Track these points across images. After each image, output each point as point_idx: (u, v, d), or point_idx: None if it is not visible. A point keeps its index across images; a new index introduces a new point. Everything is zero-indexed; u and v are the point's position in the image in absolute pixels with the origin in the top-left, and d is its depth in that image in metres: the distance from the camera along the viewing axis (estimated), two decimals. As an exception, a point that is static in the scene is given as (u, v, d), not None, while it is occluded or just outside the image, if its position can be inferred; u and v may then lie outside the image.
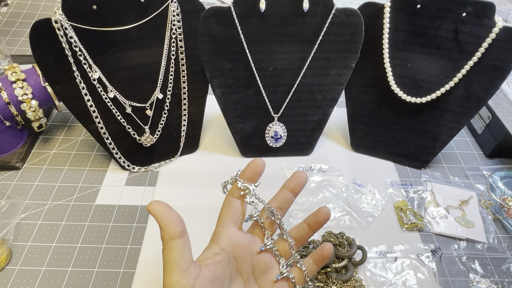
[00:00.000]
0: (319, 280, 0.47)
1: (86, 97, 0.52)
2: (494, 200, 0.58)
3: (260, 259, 0.36)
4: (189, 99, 0.58)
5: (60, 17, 0.47)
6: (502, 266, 0.51)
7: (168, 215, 0.30)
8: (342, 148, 0.66)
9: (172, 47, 0.54)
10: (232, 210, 0.35)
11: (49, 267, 0.48)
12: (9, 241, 0.49)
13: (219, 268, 0.32)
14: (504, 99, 0.60)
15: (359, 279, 0.48)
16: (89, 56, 0.50)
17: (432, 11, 0.52)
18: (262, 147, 0.61)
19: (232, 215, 0.35)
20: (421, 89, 0.56)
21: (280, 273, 0.36)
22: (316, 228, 0.37)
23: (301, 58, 0.55)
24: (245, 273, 0.35)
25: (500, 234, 0.55)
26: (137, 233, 0.52)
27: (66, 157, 0.62)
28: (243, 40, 0.53)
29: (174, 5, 0.52)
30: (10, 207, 0.53)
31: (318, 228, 0.37)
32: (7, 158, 0.59)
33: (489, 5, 0.49)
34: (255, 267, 0.36)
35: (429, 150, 0.60)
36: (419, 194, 0.58)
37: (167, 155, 0.61)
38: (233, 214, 0.35)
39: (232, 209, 0.35)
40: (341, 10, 0.52)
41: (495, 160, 0.65)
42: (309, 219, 0.37)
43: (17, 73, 0.56)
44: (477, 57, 0.52)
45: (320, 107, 0.59)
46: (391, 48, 0.55)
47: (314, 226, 0.37)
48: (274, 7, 0.51)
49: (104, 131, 0.55)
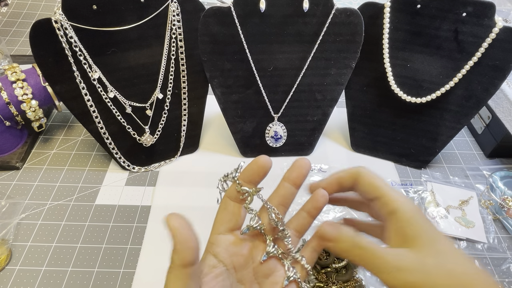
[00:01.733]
0: (319, 280, 0.47)
1: (86, 97, 0.52)
2: (494, 200, 0.58)
3: (262, 265, 0.33)
4: (189, 99, 0.58)
5: (60, 17, 0.47)
6: (502, 266, 0.51)
7: (187, 238, 0.26)
8: (342, 148, 0.66)
9: (172, 47, 0.54)
10: (229, 216, 0.31)
11: (49, 267, 0.48)
12: (9, 241, 0.49)
13: (218, 283, 0.29)
14: (504, 99, 0.60)
15: (359, 279, 0.48)
16: (89, 56, 0.50)
17: (432, 11, 0.52)
18: (262, 147, 0.61)
19: (229, 221, 0.31)
20: (421, 89, 0.56)
21: (287, 278, 0.33)
22: (316, 214, 0.34)
23: (301, 58, 0.55)
24: (248, 281, 0.32)
25: (500, 234, 0.55)
26: (137, 233, 0.52)
27: (66, 157, 0.62)
28: (243, 40, 0.53)
29: (174, 5, 0.52)
30: (10, 207, 0.53)
31: (318, 213, 0.34)
32: (7, 158, 0.59)
33: (489, 5, 0.49)
34: (257, 273, 0.33)
35: (429, 150, 0.60)
36: (419, 194, 0.58)
37: (167, 155, 0.61)
38: (229, 220, 0.31)
39: (229, 214, 0.31)
40: (341, 10, 0.52)
41: (495, 160, 0.65)
42: (307, 206, 0.34)
43: (17, 73, 0.56)
44: (477, 57, 0.52)
45: (320, 107, 0.59)
46: (391, 48, 0.55)
47: (314, 212, 0.34)
48: (274, 7, 0.51)
49: (104, 131, 0.55)
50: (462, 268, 0.28)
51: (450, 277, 0.27)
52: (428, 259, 0.28)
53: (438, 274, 0.27)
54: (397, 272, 0.28)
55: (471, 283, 0.27)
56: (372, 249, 0.29)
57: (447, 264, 0.28)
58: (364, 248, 0.30)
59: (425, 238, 0.29)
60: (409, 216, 0.29)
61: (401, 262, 0.28)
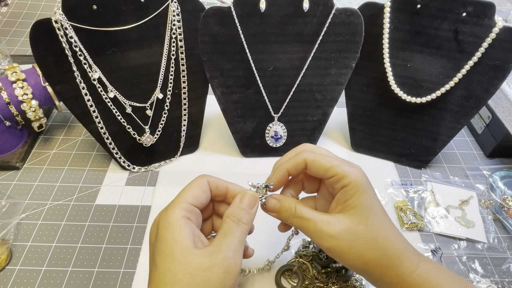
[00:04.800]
0: (319, 280, 0.47)
1: (86, 97, 0.52)
2: (494, 200, 0.58)
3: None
4: (189, 99, 0.58)
5: (60, 17, 0.47)
6: (502, 266, 0.51)
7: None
8: (342, 148, 0.66)
9: (172, 47, 0.54)
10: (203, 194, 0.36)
11: (49, 267, 0.48)
12: (9, 241, 0.49)
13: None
14: (504, 99, 0.60)
15: (359, 279, 0.48)
16: (89, 56, 0.50)
17: (432, 11, 0.52)
18: (262, 147, 0.61)
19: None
20: (421, 89, 0.56)
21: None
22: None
23: (301, 58, 0.55)
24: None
25: (500, 234, 0.55)
26: (137, 233, 0.52)
27: (66, 157, 0.62)
28: (243, 40, 0.53)
29: (174, 5, 0.52)
30: (10, 207, 0.53)
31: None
32: (7, 158, 0.59)
33: (489, 5, 0.49)
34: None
35: (429, 150, 0.60)
36: (419, 194, 0.58)
37: (167, 155, 0.61)
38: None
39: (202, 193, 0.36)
40: (341, 10, 0.52)
41: (495, 160, 0.65)
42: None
43: (17, 73, 0.56)
44: (477, 57, 0.52)
45: (320, 107, 0.59)
46: (391, 48, 0.55)
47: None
48: (274, 7, 0.51)
49: (104, 131, 0.55)
50: (385, 234, 0.34)
51: (373, 243, 0.33)
52: (359, 227, 0.34)
53: (363, 240, 0.33)
54: (329, 238, 0.34)
55: (390, 247, 0.33)
56: (308, 218, 0.35)
57: (373, 232, 0.34)
58: (302, 218, 0.35)
59: (361, 208, 0.34)
60: (355, 189, 0.34)
61: (333, 229, 0.34)
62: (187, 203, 0.34)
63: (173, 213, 0.32)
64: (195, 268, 0.30)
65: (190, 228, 0.32)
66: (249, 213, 0.35)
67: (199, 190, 0.35)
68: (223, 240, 0.32)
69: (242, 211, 0.34)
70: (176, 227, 0.32)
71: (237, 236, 0.33)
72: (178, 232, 0.31)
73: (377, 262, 0.33)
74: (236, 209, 0.34)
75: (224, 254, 0.31)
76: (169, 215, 0.33)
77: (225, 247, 0.32)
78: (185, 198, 0.34)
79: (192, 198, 0.34)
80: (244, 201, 0.35)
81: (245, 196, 0.35)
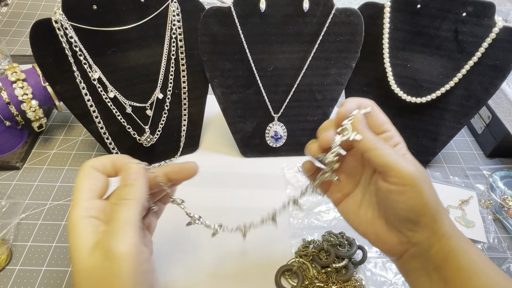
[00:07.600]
0: (319, 280, 0.47)
1: (86, 97, 0.52)
2: (494, 200, 0.58)
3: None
4: (189, 99, 0.58)
5: (60, 17, 0.47)
6: (502, 266, 0.51)
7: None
8: (342, 148, 0.65)
9: (172, 47, 0.54)
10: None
11: (49, 267, 0.48)
12: (9, 241, 0.49)
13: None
14: (504, 99, 0.60)
15: (359, 279, 0.48)
16: (89, 56, 0.50)
17: (432, 11, 0.52)
18: (262, 147, 0.61)
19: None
20: (421, 89, 0.56)
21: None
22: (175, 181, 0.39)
23: (301, 58, 0.55)
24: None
25: (500, 234, 0.55)
26: (137, 233, 0.52)
27: (66, 157, 0.62)
28: (243, 40, 0.53)
29: (174, 5, 0.52)
30: (10, 207, 0.53)
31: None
32: (7, 158, 0.59)
33: (489, 5, 0.50)
34: None
35: (429, 150, 0.60)
36: (419, 194, 0.58)
37: (167, 155, 0.61)
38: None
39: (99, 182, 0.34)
40: (341, 10, 0.52)
41: (495, 160, 0.65)
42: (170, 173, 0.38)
43: (17, 73, 0.56)
44: (477, 57, 0.52)
45: (320, 107, 0.59)
46: (391, 48, 0.55)
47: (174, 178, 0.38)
48: (274, 7, 0.51)
49: (104, 131, 0.55)
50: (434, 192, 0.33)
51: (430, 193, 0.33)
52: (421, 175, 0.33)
53: (427, 183, 0.33)
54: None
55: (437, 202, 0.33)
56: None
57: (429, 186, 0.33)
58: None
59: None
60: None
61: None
62: (84, 200, 0.31)
63: (70, 217, 0.30)
64: (92, 274, 0.28)
65: (92, 227, 0.30)
66: (133, 186, 0.34)
67: (89, 181, 0.33)
68: (106, 231, 0.30)
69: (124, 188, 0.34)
70: (75, 232, 0.30)
71: (121, 218, 0.30)
72: (77, 237, 0.29)
73: (426, 210, 0.32)
74: (117, 190, 0.34)
75: (107, 247, 0.28)
76: (68, 221, 0.30)
77: (107, 239, 0.29)
78: (78, 196, 0.31)
79: (87, 192, 0.32)
80: (126, 176, 0.35)
81: (126, 172, 0.35)
